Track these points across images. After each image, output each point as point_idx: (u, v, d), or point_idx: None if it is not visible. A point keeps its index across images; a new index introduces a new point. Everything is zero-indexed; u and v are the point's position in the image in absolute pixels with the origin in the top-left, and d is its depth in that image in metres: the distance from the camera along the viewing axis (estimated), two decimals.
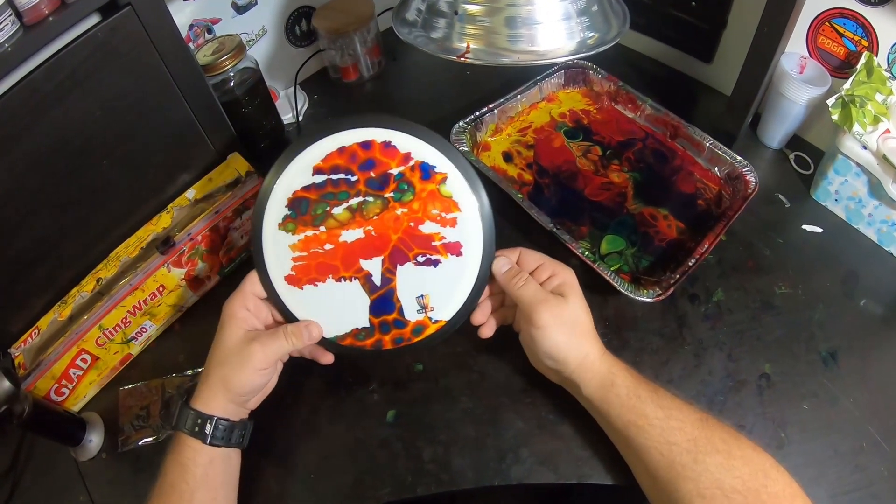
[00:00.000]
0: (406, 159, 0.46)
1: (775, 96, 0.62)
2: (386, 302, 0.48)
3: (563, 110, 0.68)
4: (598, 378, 0.44)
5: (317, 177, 0.46)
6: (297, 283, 0.47)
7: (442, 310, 0.48)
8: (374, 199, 0.46)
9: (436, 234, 0.47)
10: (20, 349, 0.58)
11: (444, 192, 0.47)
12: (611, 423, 0.44)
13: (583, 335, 0.45)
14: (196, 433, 0.44)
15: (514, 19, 0.50)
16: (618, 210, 0.59)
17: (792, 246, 0.58)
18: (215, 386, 0.45)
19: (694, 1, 0.67)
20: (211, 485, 0.44)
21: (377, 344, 0.48)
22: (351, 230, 0.47)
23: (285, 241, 0.47)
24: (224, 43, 0.64)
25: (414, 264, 0.47)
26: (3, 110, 0.51)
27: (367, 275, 0.47)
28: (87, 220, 0.60)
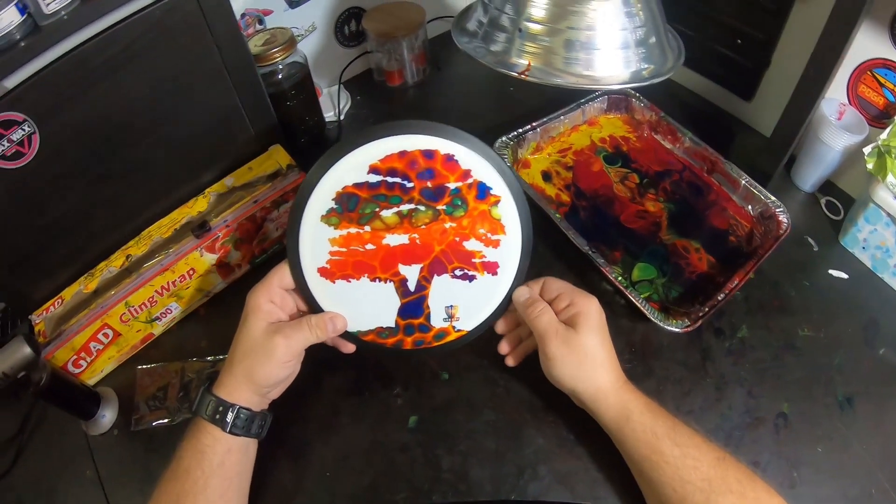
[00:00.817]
0: (465, 176, 0.46)
1: (812, 140, 0.63)
2: (416, 307, 0.48)
3: (604, 135, 0.69)
4: (614, 411, 0.45)
5: (371, 176, 0.46)
6: (330, 277, 0.47)
7: (466, 321, 0.49)
8: (426, 209, 0.47)
9: (477, 252, 0.48)
10: (41, 317, 0.58)
11: (494, 214, 0.47)
12: (627, 453, 0.45)
13: (594, 368, 0.46)
14: (216, 420, 0.44)
15: (573, 42, 0.50)
16: (651, 239, 0.60)
17: (817, 289, 0.59)
18: (239, 376, 0.45)
19: (739, 39, 0.68)
20: (226, 474, 0.44)
21: (398, 343, 0.49)
22: (396, 235, 0.47)
23: (325, 233, 0.47)
24: (275, 35, 0.64)
25: (451, 276, 0.48)
26: (52, 77, 0.51)
27: (403, 279, 0.48)
28: (123, 197, 0.59)
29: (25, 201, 0.54)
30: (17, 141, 0.51)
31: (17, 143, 0.51)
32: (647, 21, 0.52)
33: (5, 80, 0.50)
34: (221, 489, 0.43)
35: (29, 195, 0.54)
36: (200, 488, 0.42)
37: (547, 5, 0.50)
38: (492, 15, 0.52)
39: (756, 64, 0.67)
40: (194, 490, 0.42)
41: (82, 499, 0.54)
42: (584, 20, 0.50)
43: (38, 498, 0.55)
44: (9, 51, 0.49)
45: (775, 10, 0.63)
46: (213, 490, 0.43)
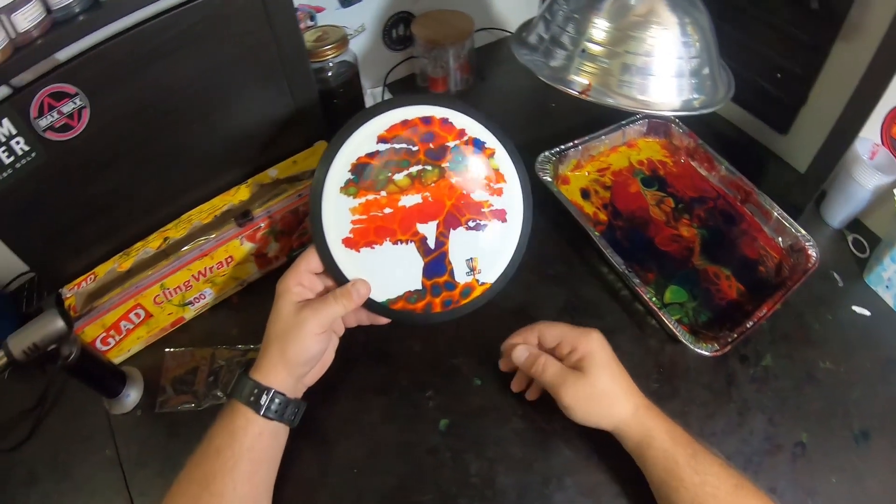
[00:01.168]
0: (461, 134, 0.51)
1: (844, 178, 0.64)
2: (438, 264, 0.51)
3: (642, 158, 0.70)
4: (636, 438, 0.46)
5: (381, 145, 0.49)
6: (355, 246, 0.49)
7: (487, 272, 0.52)
8: (433, 167, 0.50)
9: (485, 202, 0.51)
10: (73, 291, 0.57)
11: (493, 164, 0.51)
12: (647, 476, 0.46)
13: (611, 405, 0.47)
14: (251, 403, 0.44)
15: (630, 67, 0.52)
16: (684, 263, 0.61)
17: (840, 324, 0.61)
18: (274, 358, 0.46)
19: (779, 73, 0.69)
20: (256, 457, 0.44)
21: (427, 307, 0.51)
22: (410, 195, 0.50)
23: (346, 204, 0.49)
24: (328, 33, 0.65)
25: (465, 228, 0.51)
26: (108, 54, 0.51)
27: (423, 238, 0.50)
28: (167, 178, 0.60)
29: (69, 175, 0.54)
30: (67, 113, 0.52)
31: (67, 115, 0.52)
32: (702, 52, 0.53)
33: (61, 53, 0.50)
34: (250, 472, 0.44)
35: (73, 169, 0.54)
36: (229, 469, 0.43)
37: (608, 29, 0.51)
38: (553, 32, 0.53)
39: (793, 99, 0.69)
40: (223, 470, 0.43)
41: (99, 477, 0.54)
42: (643, 46, 0.51)
43: (53, 472, 0.55)
44: (67, 24, 0.49)
45: (816, 47, 0.64)
46: (242, 472, 0.43)
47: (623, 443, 0.48)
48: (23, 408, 0.59)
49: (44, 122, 0.51)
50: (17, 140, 0.50)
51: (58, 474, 0.54)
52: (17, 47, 0.48)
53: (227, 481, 0.42)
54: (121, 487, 0.52)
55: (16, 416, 0.58)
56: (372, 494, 0.50)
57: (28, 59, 0.48)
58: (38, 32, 0.48)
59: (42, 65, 0.50)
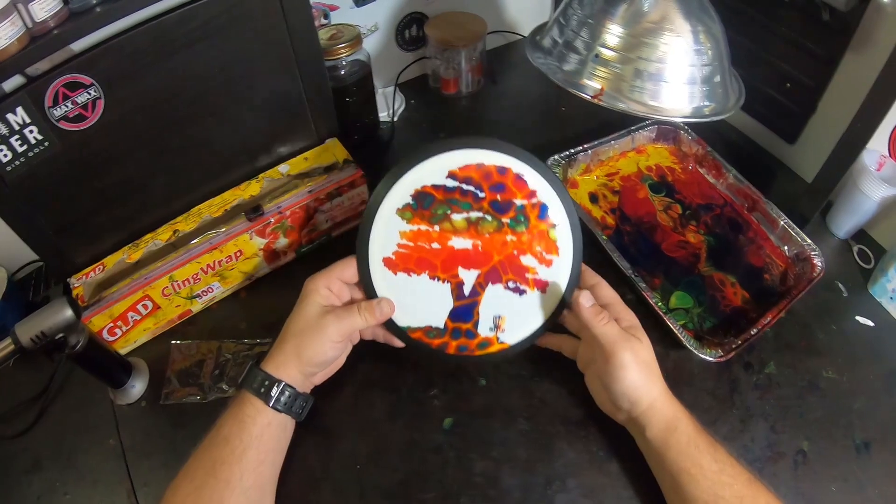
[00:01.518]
0: (531, 196, 0.50)
1: (851, 188, 0.65)
2: (467, 312, 0.51)
3: (651, 164, 0.71)
4: (665, 421, 0.46)
5: (449, 181, 0.49)
6: (394, 268, 0.50)
7: (510, 334, 0.51)
8: (493, 219, 0.50)
9: (531, 268, 0.50)
10: (81, 281, 0.58)
11: (551, 235, 0.50)
12: (666, 467, 0.46)
13: (657, 378, 0.48)
14: (261, 394, 0.45)
15: (642, 72, 0.52)
16: (690, 269, 0.62)
17: (844, 334, 0.61)
18: (289, 353, 0.47)
19: (788, 83, 0.70)
20: (263, 447, 0.45)
21: (443, 346, 0.51)
22: (462, 238, 0.50)
23: (398, 225, 0.49)
24: (342, 31, 0.65)
25: (504, 287, 0.51)
26: (124, 46, 0.51)
27: (460, 282, 0.50)
28: (178, 171, 0.60)
29: (81, 165, 0.55)
30: (82, 104, 0.52)
31: (82, 105, 0.52)
32: (714, 60, 0.53)
33: (77, 43, 0.50)
34: (256, 461, 0.44)
35: (85, 159, 0.55)
36: (237, 457, 0.43)
37: (622, 34, 0.51)
38: (567, 36, 0.53)
39: (802, 109, 0.69)
40: (231, 459, 0.43)
41: (102, 466, 0.54)
42: (656, 52, 0.51)
43: (57, 460, 0.55)
44: (84, 14, 0.49)
45: (826, 58, 0.65)
46: (249, 461, 0.44)
47: (648, 429, 0.46)
48: (28, 396, 0.59)
49: (58, 111, 0.51)
50: (30, 129, 0.51)
51: (61, 462, 0.54)
52: (34, 37, 0.48)
53: (235, 469, 0.43)
54: (123, 477, 0.52)
55: (21, 403, 0.59)
56: (375, 490, 0.50)
57: (44, 49, 0.49)
58: (54, 22, 0.48)
59: (58, 55, 0.50)
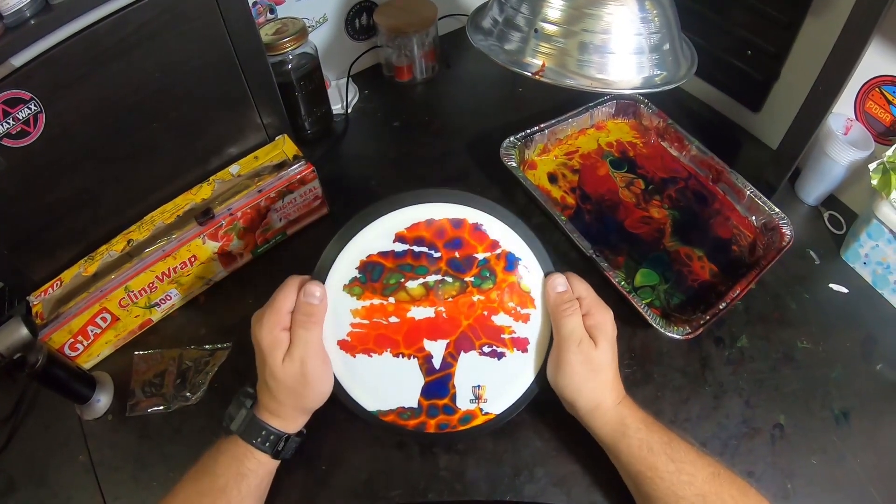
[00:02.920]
0: (494, 246, 0.44)
1: (818, 154, 0.63)
2: (441, 386, 0.46)
3: (611, 140, 0.69)
4: (609, 427, 0.45)
5: (398, 245, 0.44)
6: (351, 351, 0.45)
7: (494, 402, 0.47)
8: (454, 280, 0.45)
9: (507, 328, 0.45)
10: (39, 298, 0.57)
11: (524, 286, 0.45)
12: (622, 468, 0.45)
13: (601, 385, 0.45)
14: (266, 448, 0.44)
15: (587, 45, 0.50)
16: (655, 245, 0.60)
17: (817, 303, 0.60)
18: (296, 411, 0.45)
19: (750, 50, 0.68)
20: (259, 494, 0.45)
21: (420, 426, 0.47)
22: (422, 307, 0.45)
23: (347, 304, 0.44)
24: (287, 25, 0.64)
25: (478, 353, 0.46)
26: (61, 57, 0.50)
27: (428, 356, 0.46)
28: (128, 180, 0.59)
29: (29, 181, 0.54)
30: (23, 120, 0.51)
31: (23, 121, 0.51)
32: (662, 27, 0.52)
33: (13, 59, 0.50)
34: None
35: (32, 175, 0.54)
36: None
37: (563, 7, 0.50)
38: (507, 14, 0.52)
39: (765, 76, 0.68)
40: None
41: (74, 482, 0.53)
42: (600, 23, 0.50)
43: (31, 479, 0.55)
44: (19, 28, 0.49)
45: (787, 23, 0.63)
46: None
47: (594, 432, 0.46)
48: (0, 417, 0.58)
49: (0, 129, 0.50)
50: None
51: (35, 481, 0.54)
52: None
53: None
54: (95, 492, 0.52)
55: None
56: (341, 491, 0.49)
57: None
58: None
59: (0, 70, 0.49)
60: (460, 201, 0.44)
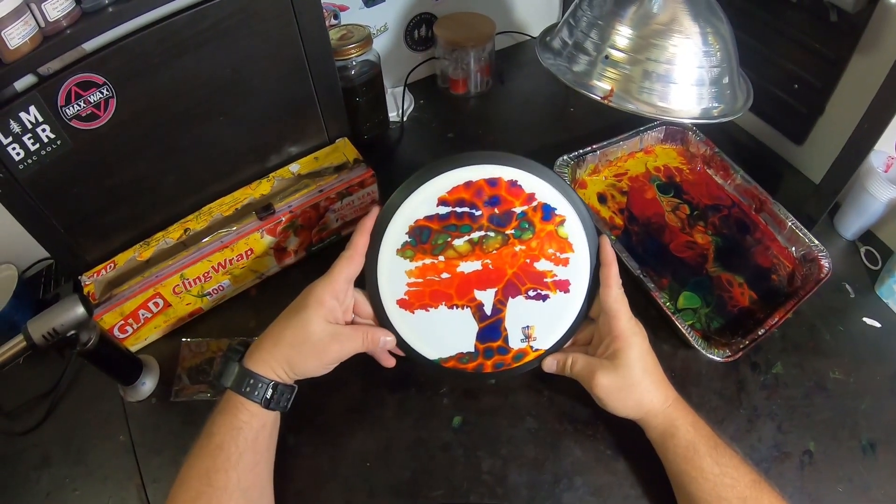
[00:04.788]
0: (530, 199, 0.48)
1: (858, 190, 0.65)
2: (493, 330, 0.50)
3: (659, 164, 0.71)
4: (661, 428, 0.47)
5: (441, 208, 0.47)
6: (409, 308, 0.49)
7: (543, 340, 0.51)
8: (496, 234, 0.48)
9: (548, 272, 0.49)
10: (92, 279, 0.58)
11: (561, 233, 0.49)
12: (668, 466, 0.47)
13: (641, 395, 0.47)
14: (254, 396, 0.44)
15: (651, 73, 0.52)
16: (698, 269, 0.62)
17: (851, 335, 0.61)
18: (280, 360, 0.46)
19: (796, 84, 0.70)
20: (258, 448, 0.45)
21: (479, 367, 0.51)
22: (469, 262, 0.48)
23: (402, 266, 0.48)
24: (352, 31, 0.65)
25: (525, 298, 0.50)
26: (137, 46, 0.52)
27: (480, 304, 0.49)
28: (189, 170, 0.60)
29: (92, 163, 0.55)
30: (94, 103, 0.52)
31: (94, 105, 0.52)
32: (723, 62, 0.54)
33: (89, 43, 0.51)
34: (252, 463, 0.44)
35: (96, 158, 0.55)
36: (233, 464, 0.43)
37: (631, 36, 0.52)
38: (577, 38, 0.53)
39: (810, 110, 0.69)
40: (226, 466, 0.43)
41: (112, 462, 0.54)
42: (665, 54, 0.52)
43: (66, 456, 0.55)
44: (96, 14, 0.50)
45: (834, 59, 0.65)
46: (245, 465, 0.43)
47: (647, 432, 0.48)
48: (37, 392, 0.59)
49: (70, 110, 0.51)
50: (43, 128, 0.51)
51: (71, 458, 0.55)
52: (47, 36, 0.48)
53: (232, 475, 0.43)
54: (133, 473, 0.53)
55: (31, 400, 0.59)
56: (384, 488, 0.50)
57: (56, 49, 0.49)
58: (67, 22, 0.48)
59: (70, 54, 0.50)
60: (494, 161, 0.47)
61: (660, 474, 0.49)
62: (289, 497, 0.49)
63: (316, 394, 0.54)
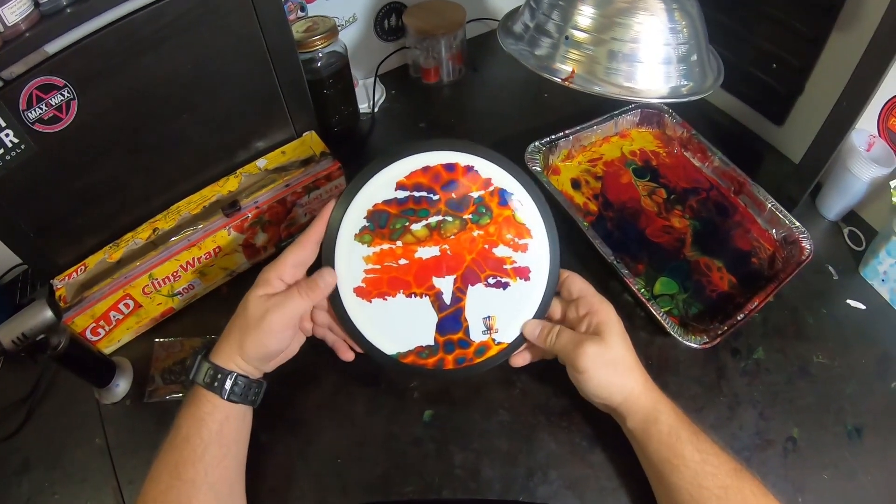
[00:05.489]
0: (486, 184, 0.48)
1: (840, 169, 0.63)
2: (453, 321, 0.49)
3: (635, 148, 0.70)
4: (643, 413, 0.45)
5: (399, 192, 0.47)
6: (367, 296, 0.48)
7: (505, 332, 0.49)
8: (453, 219, 0.48)
9: (507, 258, 0.49)
10: (63, 282, 0.58)
11: (518, 218, 0.48)
12: (648, 456, 0.45)
13: (625, 372, 0.46)
14: (214, 388, 0.44)
15: (616, 53, 0.51)
16: (675, 254, 0.61)
17: (834, 318, 0.60)
18: (233, 347, 0.46)
19: (775, 63, 0.68)
20: (224, 441, 0.44)
21: (439, 363, 0.49)
22: (427, 247, 0.48)
23: (360, 252, 0.48)
24: (317, 23, 0.65)
25: (484, 285, 0.49)
26: (96, 46, 0.51)
27: (438, 293, 0.48)
28: (156, 169, 0.60)
29: (58, 166, 0.55)
30: (56, 106, 0.52)
31: (56, 107, 0.52)
32: (691, 38, 0.52)
33: (49, 45, 0.50)
34: (219, 456, 0.44)
35: (62, 160, 0.55)
36: (199, 456, 0.43)
37: (594, 15, 0.50)
38: (538, 20, 0.52)
39: (789, 90, 0.68)
40: (193, 458, 0.43)
41: (89, 465, 0.54)
42: (629, 32, 0.51)
43: (45, 460, 0.55)
44: (55, 16, 0.49)
45: (813, 37, 0.63)
46: (212, 457, 0.43)
47: (629, 419, 0.46)
48: (16, 398, 0.59)
49: (32, 114, 0.51)
50: (6, 132, 0.51)
51: (49, 462, 0.55)
52: (6, 41, 0.48)
53: (199, 468, 0.42)
54: (109, 475, 0.53)
55: (10, 405, 0.59)
56: (356, 484, 0.50)
57: (17, 53, 0.49)
58: (26, 25, 0.48)
59: (32, 57, 0.50)
60: (450, 147, 0.47)
61: (636, 466, 0.48)
62: (262, 495, 0.49)
63: (286, 390, 0.53)
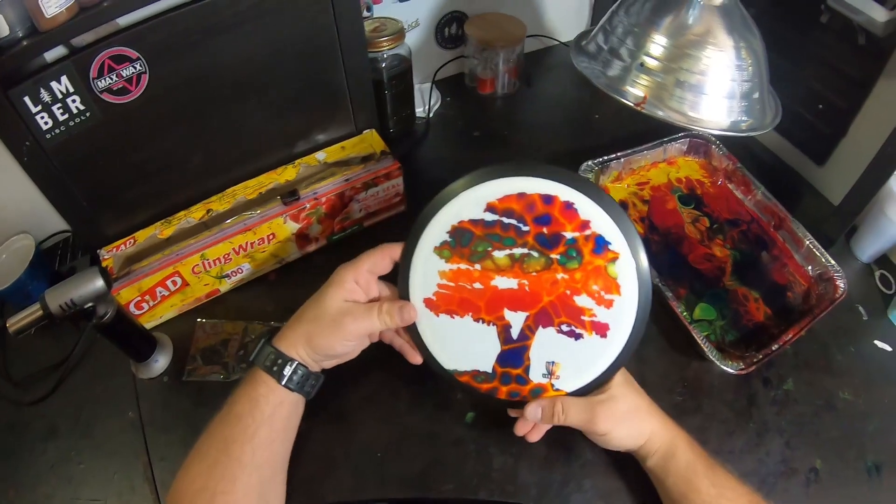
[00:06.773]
0: (584, 227, 0.44)
1: (877, 213, 0.65)
2: (516, 356, 0.47)
3: (681, 175, 0.71)
4: (663, 449, 0.47)
5: (488, 214, 0.45)
6: (435, 310, 0.47)
7: (566, 381, 0.47)
8: (539, 255, 0.45)
9: (588, 310, 0.45)
10: (111, 253, 0.58)
11: (611, 271, 0.45)
12: (666, 490, 0.47)
13: (643, 419, 0.47)
14: (273, 372, 0.45)
15: (683, 83, 0.52)
16: (715, 282, 0.62)
17: (862, 356, 0.62)
18: (300, 336, 0.46)
19: (821, 104, 0.70)
20: (275, 426, 0.45)
21: (492, 391, 0.48)
22: (506, 278, 0.45)
23: (436, 265, 0.46)
24: (385, 24, 0.66)
25: (556, 331, 0.46)
26: (174, 22, 0.52)
27: (507, 325, 0.46)
28: (216, 151, 0.60)
29: (120, 137, 0.55)
30: (126, 77, 0.53)
31: (126, 79, 0.53)
32: (754, 76, 0.54)
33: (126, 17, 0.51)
34: (269, 439, 0.44)
35: (124, 132, 0.55)
36: (249, 436, 0.43)
37: (667, 45, 0.52)
38: (612, 44, 0.54)
39: (833, 131, 0.70)
40: (243, 437, 0.43)
41: (120, 438, 0.54)
42: (699, 65, 0.52)
43: (73, 429, 0.55)
44: None
45: (860, 81, 0.65)
46: (261, 439, 0.44)
47: (648, 457, 0.47)
48: (47, 364, 0.59)
49: (102, 83, 0.52)
50: (73, 98, 0.51)
51: (78, 431, 0.55)
52: (83, 7, 0.48)
53: (247, 448, 0.43)
54: (140, 450, 0.53)
55: (41, 371, 0.59)
56: (395, 479, 0.51)
57: (92, 20, 0.49)
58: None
59: (103, 28, 0.50)
60: (554, 177, 0.44)
61: None
62: (301, 483, 0.49)
63: (332, 381, 0.54)
